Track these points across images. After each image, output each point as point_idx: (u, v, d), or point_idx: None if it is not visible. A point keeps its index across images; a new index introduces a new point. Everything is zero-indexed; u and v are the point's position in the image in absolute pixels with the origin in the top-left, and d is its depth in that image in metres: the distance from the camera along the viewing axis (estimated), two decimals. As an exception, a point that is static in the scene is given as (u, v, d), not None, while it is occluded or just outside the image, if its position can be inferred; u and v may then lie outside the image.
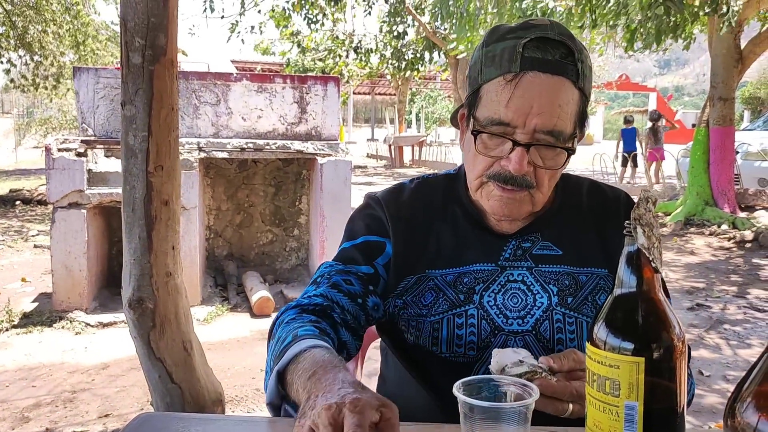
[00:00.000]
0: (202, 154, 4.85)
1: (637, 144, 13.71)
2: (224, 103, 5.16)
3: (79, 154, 4.61)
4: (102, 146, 5.02)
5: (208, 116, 5.12)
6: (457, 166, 1.32)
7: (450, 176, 1.30)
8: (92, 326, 4.42)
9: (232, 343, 4.22)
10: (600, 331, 0.80)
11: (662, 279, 1.26)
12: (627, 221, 0.80)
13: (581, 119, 1.13)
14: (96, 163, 5.05)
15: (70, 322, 4.43)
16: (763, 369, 0.59)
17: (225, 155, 4.97)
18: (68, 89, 13.28)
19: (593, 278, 1.19)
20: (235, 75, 5.38)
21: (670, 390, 0.78)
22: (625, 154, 13.63)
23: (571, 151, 1.12)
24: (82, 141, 4.69)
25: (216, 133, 5.13)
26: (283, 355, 0.96)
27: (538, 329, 1.14)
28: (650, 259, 0.79)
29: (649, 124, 13.33)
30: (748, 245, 7.05)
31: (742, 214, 8.19)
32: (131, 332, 2.29)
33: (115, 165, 4.99)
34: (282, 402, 0.97)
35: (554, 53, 1.07)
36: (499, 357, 0.99)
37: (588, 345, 0.81)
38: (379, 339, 1.40)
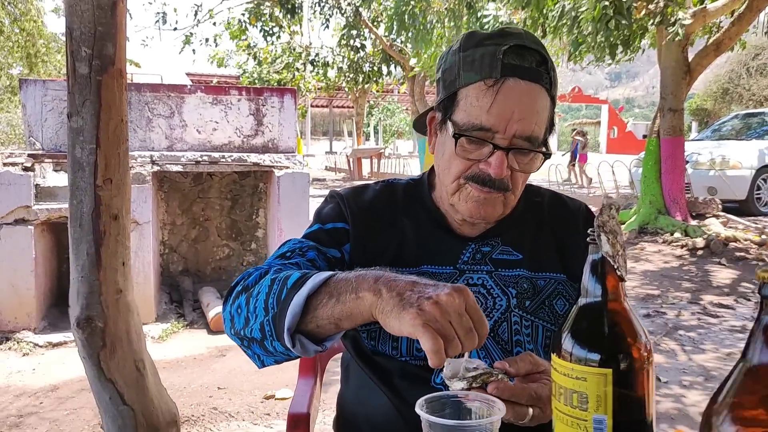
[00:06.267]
0: (156, 168, 4.74)
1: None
2: (178, 115, 5.06)
3: (26, 169, 4.45)
4: (50, 160, 4.86)
5: (161, 129, 5.01)
6: (421, 173, 1.34)
7: (414, 180, 1.33)
8: (41, 346, 4.26)
9: (189, 361, 4.11)
10: (566, 342, 0.77)
11: None
12: (591, 229, 0.78)
13: (551, 125, 1.16)
14: (44, 177, 4.89)
15: (17, 342, 4.25)
16: (737, 380, 0.57)
17: (179, 168, 4.87)
18: (18, 102, 12.96)
19: (551, 283, 1.20)
20: (189, 87, 5.29)
21: (639, 401, 0.75)
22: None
23: (547, 155, 1.15)
24: (29, 155, 4.54)
25: (170, 146, 5.02)
26: (303, 284, 0.94)
27: (496, 331, 1.15)
28: (615, 267, 0.77)
29: (581, 138, 17.58)
30: (700, 252, 7.20)
31: (694, 222, 8.38)
32: (80, 353, 2.19)
33: (64, 179, 4.83)
34: (294, 333, 0.95)
35: (531, 61, 1.10)
36: (453, 365, 0.96)
37: (554, 357, 0.79)
38: (339, 354, 1.37)
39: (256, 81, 17.86)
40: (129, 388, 2.22)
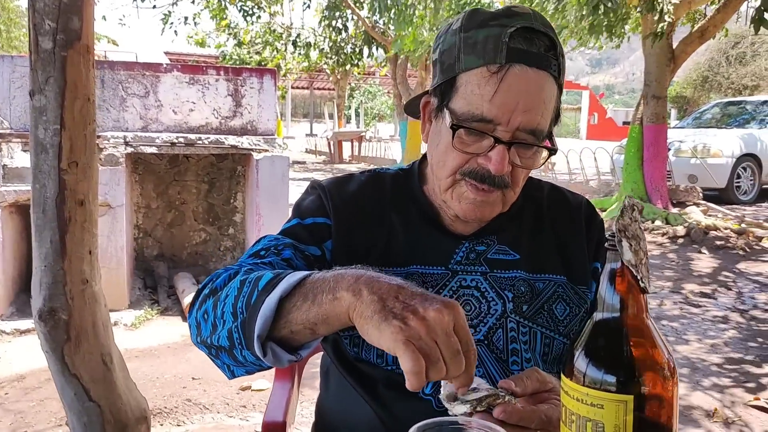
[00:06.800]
0: (130, 149, 4.58)
1: None
2: (153, 95, 4.89)
3: (-8, 149, 4.27)
4: (18, 139, 4.66)
5: (135, 109, 4.84)
6: (411, 162, 1.22)
7: (404, 171, 1.21)
8: (8, 333, 4.10)
9: (162, 350, 3.99)
10: (579, 362, 0.67)
11: None
12: (609, 234, 0.68)
13: (556, 116, 1.05)
14: (12, 158, 4.70)
15: (-17, 329, 4.10)
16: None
17: (154, 150, 4.71)
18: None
19: (551, 285, 1.11)
20: (165, 66, 5.11)
21: (662, 430, 0.66)
22: None
23: (552, 150, 1.04)
24: (-5, 134, 4.36)
25: (145, 127, 4.86)
26: (276, 286, 0.83)
27: (490, 339, 1.05)
28: (638, 277, 0.67)
29: None
30: (681, 240, 7.20)
31: (675, 210, 8.39)
32: (43, 346, 2.07)
33: (33, 160, 4.65)
34: (265, 340, 0.84)
35: (539, 45, 0.99)
36: (450, 386, 0.86)
37: (564, 378, 0.69)
38: (318, 355, 1.26)
39: (237, 63, 17.57)
40: (95, 383, 2.10)
